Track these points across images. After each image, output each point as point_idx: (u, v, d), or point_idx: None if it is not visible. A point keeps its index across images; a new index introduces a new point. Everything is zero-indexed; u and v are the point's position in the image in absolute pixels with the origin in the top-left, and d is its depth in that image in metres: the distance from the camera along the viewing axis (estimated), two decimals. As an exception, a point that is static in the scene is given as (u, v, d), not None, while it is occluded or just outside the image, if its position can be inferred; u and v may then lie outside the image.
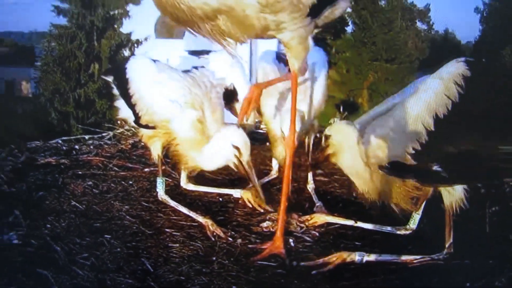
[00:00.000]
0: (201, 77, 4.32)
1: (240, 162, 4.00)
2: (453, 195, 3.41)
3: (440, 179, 3.30)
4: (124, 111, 4.46)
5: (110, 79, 4.56)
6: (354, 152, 3.69)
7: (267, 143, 5.34)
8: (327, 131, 3.86)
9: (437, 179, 3.32)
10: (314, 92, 4.45)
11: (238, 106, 4.64)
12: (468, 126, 3.22)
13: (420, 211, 3.79)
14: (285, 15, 3.18)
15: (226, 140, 4.00)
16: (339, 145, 3.77)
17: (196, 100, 4.11)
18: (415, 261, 3.45)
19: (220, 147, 4.03)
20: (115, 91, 4.46)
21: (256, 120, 5.44)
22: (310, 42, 3.52)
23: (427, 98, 3.25)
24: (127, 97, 4.25)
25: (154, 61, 4.30)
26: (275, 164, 4.92)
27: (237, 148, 3.97)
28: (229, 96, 4.61)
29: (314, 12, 3.33)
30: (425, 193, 3.69)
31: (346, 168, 3.80)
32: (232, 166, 4.07)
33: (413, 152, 3.24)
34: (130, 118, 4.37)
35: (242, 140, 4.00)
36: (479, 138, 3.20)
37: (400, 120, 3.32)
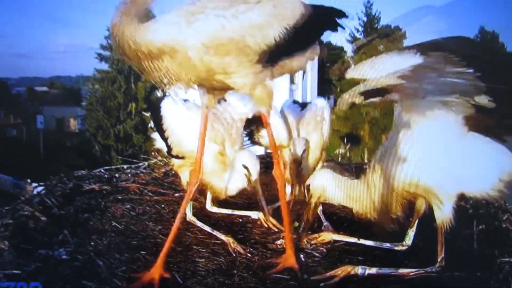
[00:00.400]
0: (223, 112, 4.35)
1: (250, 180, 4.01)
2: (444, 213, 3.39)
3: None
4: (158, 142, 4.52)
5: (148, 114, 4.64)
6: (341, 186, 3.75)
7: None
8: (306, 183, 3.90)
9: None
10: (323, 129, 4.54)
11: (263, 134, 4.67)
12: None
13: (414, 228, 3.77)
14: (231, 59, 2.90)
15: (238, 162, 4.04)
16: (320, 189, 3.80)
17: (217, 135, 4.15)
18: (411, 274, 3.43)
19: (236, 170, 4.07)
20: (152, 125, 4.53)
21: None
22: (270, 88, 3.25)
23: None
24: (161, 131, 4.29)
25: (184, 100, 4.33)
26: (288, 190, 4.91)
27: (246, 167, 4.00)
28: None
29: (266, 59, 3.04)
30: (418, 209, 3.68)
31: (342, 202, 3.81)
32: (246, 186, 4.09)
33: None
34: (164, 148, 4.41)
35: (251, 161, 4.02)
36: None
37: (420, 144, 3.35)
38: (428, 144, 3.32)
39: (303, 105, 4.75)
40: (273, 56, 3.07)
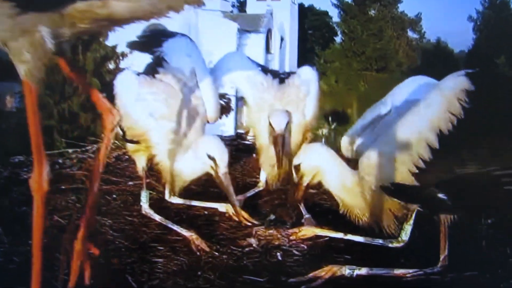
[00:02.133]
0: (182, 85, 4.29)
1: (217, 173, 3.93)
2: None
3: (445, 208, 3.28)
4: None
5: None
6: (338, 170, 3.71)
7: (254, 154, 5.31)
8: (295, 162, 3.83)
9: (441, 208, 3.30)
10: (306, 108, 4.49)
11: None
12: (474, 142, 3.16)
13: (411, 222, 3.75)
14: None
15: (202, 150, 3.95)
16: (315, 168, 3.75)
17: (171, 111, 4.08)
18: (408, 275, 3.41)
19: (196, 156, 3.98)
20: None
21: (242, 130, 5.42)
22: None
23: (429, 115, 3.18)
24: None
25: (139, 74, 4.25)
26: (262, 176, 4.88)
27: (212, 159, 3.90)
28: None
29: None
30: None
31: (335, 189, 3.78)
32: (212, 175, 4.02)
33: (417, 171, 3.20)
34: (118, 130, 4.34)
35: (218, 151, 3.91)
36: (487, 156, 3.13)
37: (401, 138, 3.26)
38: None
39: (282, 78, 4.68)
40: None
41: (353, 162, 3.84)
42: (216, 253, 3.79)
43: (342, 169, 3.71)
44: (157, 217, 4.26)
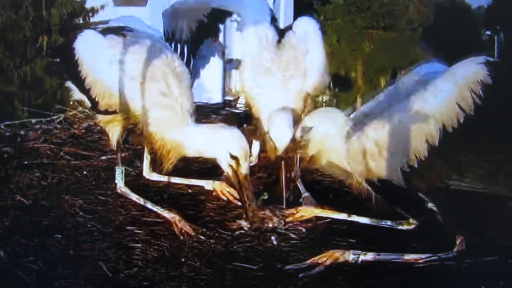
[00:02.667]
0: (161, 45, 4.25)
1: (236, 174, 3.86)
2: None
3: (434, 220, 3.27)
4: (78, 93, 4.37)
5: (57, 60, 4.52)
6: (342, 149, 3.56)
7: (245, 125, 5.30)
8: (306, 122, 3.68)
9: (429, 219, 3.30)
10: (308, 68, 4.43)
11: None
12: (479, 149, 3.07)
13: (424, 200, 3.77)
14: None
15: (223, 145, 3.85)
16: (325, 139, 3.60)
17: (157, 72, 4.03)
18: (420, 261, 3.42)
19: (213, 148, 3.90)
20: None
21: (231, 97, 5.42)
22: None
23: (435, 105, 3.09)
24: (79, 82, 4.17)
25: (104, 35, 4.18)
26: (255, 150, 4.88)
27: (235, 158, 3.82)
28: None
29: None
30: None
31: (342, 162, 3.61)
32: (223, 167, 3.93)
33: (408, 170, 3.15)
34: (87, 100, 4.29)
35: (243, 150, 3.84)
36: (491, 169, 3.05)
37: (399, 126, 3.19)
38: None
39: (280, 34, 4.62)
40: None
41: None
42: (202, 237, 3.80)
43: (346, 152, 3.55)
44: (134, 197, 4.26)
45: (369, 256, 3.46)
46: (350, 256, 3.46)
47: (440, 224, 3.26)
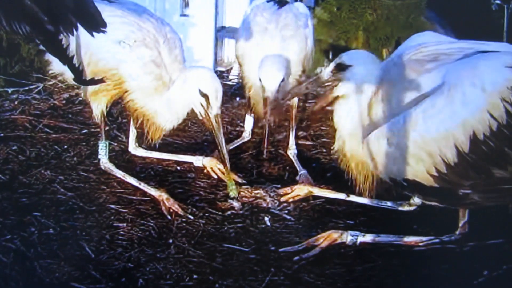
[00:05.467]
0: (150, 12, 4.25)
1: (207, 114, 3.93)
2: None
3: (470, 203, 3.27)
4: (57, 65, 4.37)
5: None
6: (364, 103, 3.50)
7: (238, 98, 5.32)
8: (344, 59, 3.51)
9: (466, 203, 3.30)
10: (308, 38, 4.54)
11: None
12: None
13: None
14: None
15: (192, 83, 3.91)
16: (356, 84, 3.46)
17: (148, 37, 4.05)
18: (420, 244, 3.48)
19: (184, 91, 3.96)
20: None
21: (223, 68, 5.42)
22: None
23: (463, 114, 3.04)
24: (59, 51, 4.12)
25: None
26: (248, 125, 4.89)
27: (205, 96, 3.88)
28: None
29: None
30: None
31: (344, 124, 3.56)
32: (198, 114, 3.99)
33: (437, 174, 3.16)
34: (67, 72, 4.27)
35: (213, 87, 3.89)
36: None
37: (424, 133, 3.15)
38: None
39: (280, 3, 4.70)
40: None
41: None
42: (191, 217, 3.83)
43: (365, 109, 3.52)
44: (118, 173, 4.26)
45: (368, 238, 3.51)
46: (348, 237, 3.50)
47: (476, 203, 3.26)
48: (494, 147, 3.01)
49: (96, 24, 3.94)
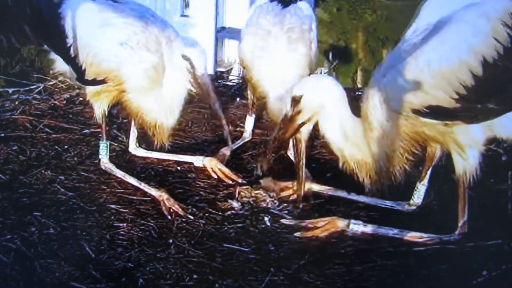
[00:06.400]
0: (153, 13, 4.26)
1: (195, 76, 3.97)
2: (467, 160, 3.41)
3: (487, 113, 3.34)
4: (61, 64, 4.34)
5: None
6: (342, 114, 3.61)
7: (238, 98, 5.32)
8: (295, 92, 3.66)
9: (486, 114, 3.35)
10: (312, 42, 4.51)
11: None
12: None
13: (425, 181, 3.80)
14: None
15: (176, 54, 3.97)
16: (318, 107, 3.62)
17: (151, 39, 4.06)
18: (420, 241, 3.49)
19: (172, 69, 4.01)
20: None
21: (223, 69, 5.41)
22: None
23: (471, 41, 3.21)
24: (63, 49, 4.13)
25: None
26: (248, 125, 4.90)
27: (188, 59, 3.93)
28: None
29: None
30: (431, 155, 3.71)
31: (333, 135, 3.65)
32: (189, 83, 4.04)
33: (457, 97, 3.25)
34: (70, 71, 4.26)
35: (195, 49, 3.97)
36: None
37: (439, 64, 3.26)
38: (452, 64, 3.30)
39: (284, 3, 4.66)
40: None
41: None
42: (191, 217, 3.83)
43: (346, 113, 3.63)
44: (119, 173, 4.27)
45: (369, 228, 3.55)
46: (350, 225, 3.56)
47: (496, 111, 3.35)
48: (503, 67, 3.19)
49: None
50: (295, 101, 3.61)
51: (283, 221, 3.54)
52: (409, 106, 3.36)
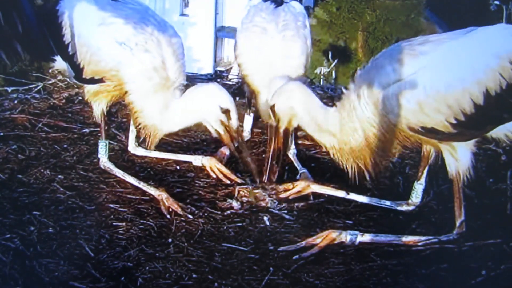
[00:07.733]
0: (152, 12, 4.25)
1: (228, 129, 3.93)
2: (459, 160, 3.44)
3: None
4: (59, 62, 4.33)
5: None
6: (310, 107, 3.73)
7: (237, 98, 5.31)
8: (270, 102, 3.84)
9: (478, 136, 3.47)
10: (307, 39, 4.53)
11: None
12: None
13: (422, 181, 3.80)
14: None
15: (210, 100, 3.91)
16: (290, 110, 3.75)
17: (151, 40, 4.04)
18: (419, 243, 3.48)
19: (199, 107, 3.95)
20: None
21: (223, 68, 5.41)
22: None
23: (479, 76, 3.27)
24: (61, 47, 4.12)
25: None
26: (247, 125, 4.90)
27: (226, 111, 3.88)
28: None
29: None
30: (427, 154, 3.72)
31: (308, 127, 3.79)
32: (213, 132, 4.01)
33: (455, 122, 3.29)
34: (69, 70, 4.25)
35: (230, 101, 3.90)
36: None
37: (445, 90, 3.29)
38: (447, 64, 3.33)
39: (277, 2, 4.68)
40: None
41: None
42: (191, 217, 3.83)
43: (314, 107, 3.73)
44: (118, 172, 4.26)
45: (367, 238, 3.51)
46: (347, 237, 3.51)
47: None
48: (503, 100, 3.28)
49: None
50: (272, 111, 3.80)
51: (281, 249, 3.50)
52: (406, 122, 3.40)
